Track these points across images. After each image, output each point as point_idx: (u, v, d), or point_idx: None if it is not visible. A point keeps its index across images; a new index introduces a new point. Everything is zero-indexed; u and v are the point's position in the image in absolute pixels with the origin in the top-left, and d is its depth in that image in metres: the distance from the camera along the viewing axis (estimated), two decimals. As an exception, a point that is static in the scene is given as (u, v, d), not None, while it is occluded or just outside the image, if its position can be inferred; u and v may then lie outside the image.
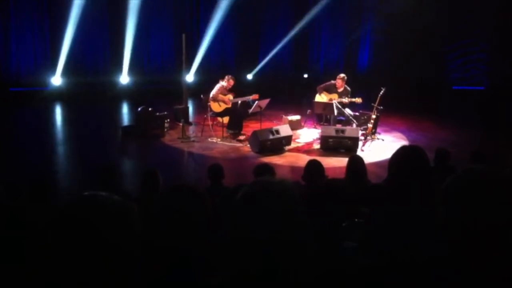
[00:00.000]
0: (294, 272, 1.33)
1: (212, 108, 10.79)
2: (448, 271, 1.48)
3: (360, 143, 9.81)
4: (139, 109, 11.00)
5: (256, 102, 10.60)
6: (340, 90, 10.93)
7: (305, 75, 17.87)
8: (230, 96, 10.89)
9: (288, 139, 9.98)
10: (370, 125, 10.30)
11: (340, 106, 10.43)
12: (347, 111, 10.65)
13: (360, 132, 10.10)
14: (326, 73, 16.41)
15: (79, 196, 1.32)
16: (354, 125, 10.25)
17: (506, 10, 14.92)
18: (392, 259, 1.76)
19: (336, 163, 8.72)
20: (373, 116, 10.30)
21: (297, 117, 11.82)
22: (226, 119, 10.90)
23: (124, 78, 15.89)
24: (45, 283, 1.42)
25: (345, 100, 10.68)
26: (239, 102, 11.14)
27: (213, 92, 10.74)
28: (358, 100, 10.80)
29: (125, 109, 14.53)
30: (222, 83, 10.88)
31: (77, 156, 9.30)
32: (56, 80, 15.05)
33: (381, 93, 10.33)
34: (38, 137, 10.70)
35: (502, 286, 1.41)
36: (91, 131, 11.07)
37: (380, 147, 9.90)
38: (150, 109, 10.97)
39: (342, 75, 11.05)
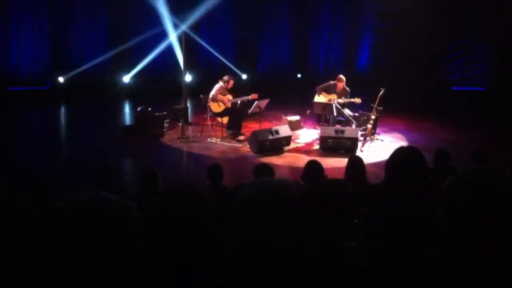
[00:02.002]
0: (294, 272, 1.33)
1: (211, 108, 10.78)
2: (448, 271, 1.48)
3: (360, 144, 9.81)
4: (139, 109, 11.00)
5: (256, 102, 10.59)
6: (339, 90, 10.92)
7: (299, 75, 17.82)
8: (230, 96, 10.88)
9: (288, 140, 9.98)
10: (369, 126, 10.29)
11: (339, 107, 10.42)
12: (347, 111, 10.64)
13: (360, 133, 10.09)
14: (326, 73, 16.39)
15: (79, 196, 1.32)
16: (354, 126, 10.25)
17: (506, 10, 14.90)
18: (392, 259, 1.77)
19: (336, 163, 8.72)
20: (373, 117, 10.30)
21: (297, 117, 11.82)
22: (225, 119, 10.89)
23: (124, 78, 15.86)
24: (45, 283, 1.42)
25: (341, 100, 10.65)
26: (239, 102, 11.14)
27: (212, 92, 10.73)
28: (357, 100, 10.78)
29: (124, 108, 14.51)
30: (222, 83, 10.87)
31: (77, 155, 9.28)
32: (56, 79, 15.02)
33: (380, 93, 10.33)
34: (38, 137, 10.68)
35: (503, 286, 1.41)
36: (91, 131, 11.05)
37: (379, 148, 9.89)
38: (149, 109, 10.97)
39: (341, 76, 11.03)
